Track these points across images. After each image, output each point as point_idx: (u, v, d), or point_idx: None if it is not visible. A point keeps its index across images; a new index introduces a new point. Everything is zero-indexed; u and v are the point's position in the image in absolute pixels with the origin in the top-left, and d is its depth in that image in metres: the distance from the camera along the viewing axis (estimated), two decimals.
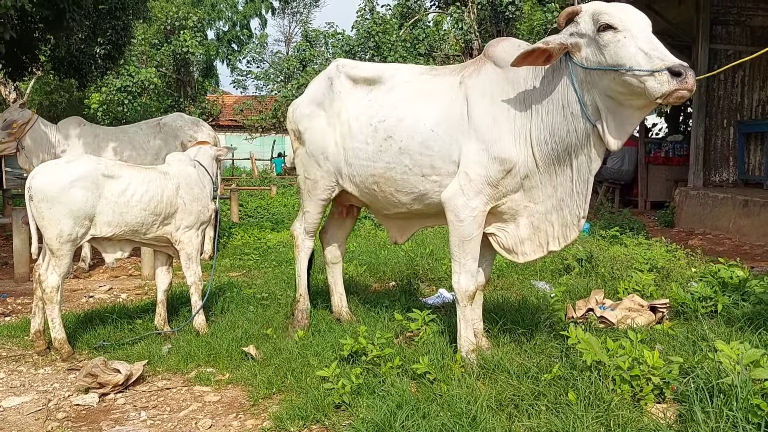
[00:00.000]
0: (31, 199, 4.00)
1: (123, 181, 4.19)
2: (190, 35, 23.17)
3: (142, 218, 4.22)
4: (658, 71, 2.70)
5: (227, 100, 29.72)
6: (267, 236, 8.49)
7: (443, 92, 3.60)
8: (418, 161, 3.60)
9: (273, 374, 3.49)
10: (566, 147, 3.18)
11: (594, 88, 3.02)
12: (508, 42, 3.54)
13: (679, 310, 4.29)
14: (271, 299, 5.07)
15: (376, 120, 3.77)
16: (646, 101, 2.87)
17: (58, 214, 3.96)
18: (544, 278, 5.67)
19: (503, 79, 3.39)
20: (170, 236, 4.42)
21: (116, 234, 4.20)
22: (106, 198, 4.10)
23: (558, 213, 3.35)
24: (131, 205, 4.17)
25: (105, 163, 4.25)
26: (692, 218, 9.46)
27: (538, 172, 3.31)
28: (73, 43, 11.13)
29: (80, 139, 7.41)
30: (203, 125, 8.06)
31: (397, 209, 3.91)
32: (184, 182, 4.48)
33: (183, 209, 4.43)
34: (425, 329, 3.80)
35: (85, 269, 7.16)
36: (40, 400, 3.41)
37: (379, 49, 21.19)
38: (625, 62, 2.82)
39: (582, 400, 2.67)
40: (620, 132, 3.03)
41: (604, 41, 2.89)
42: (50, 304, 4.08)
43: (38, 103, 21.77)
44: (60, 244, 4.01)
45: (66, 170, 4.04)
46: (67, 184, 3.98)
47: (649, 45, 2.81)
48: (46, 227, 4.01)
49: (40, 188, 3.98)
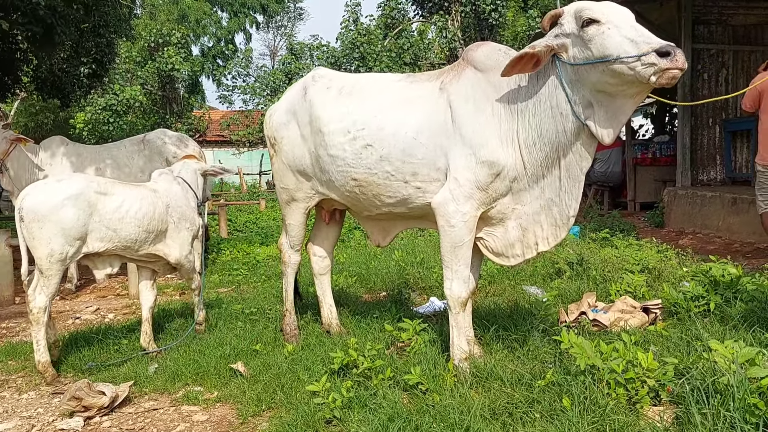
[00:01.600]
0: (22, 220, 3.94)
1: (117, 198, 4.17)
2: (174, 52, 23.13)
3: (136, 235, 4.21)
4: (645, 54, 2.70)
5: (214, 116, 29.67)
6: (256, 250, 8.41)
7: (423, 98, 3.57)
8: (399, 168, 3.57)
9: (262, 391, 3.41)
10: (555, 147, 3.17)
11: (584, 85, 3.01)
12: (487, 46, 3.53)
13: (671, 310, 4.25)
14: (260, 314, 5.00)
15: (354, 129, 3.72)
16: (638, 88, 2.87)
17: (49, 234, 3.90)
18: (535, 283, 5.63)
19: (486, 82, 3.36)
20: (164, 255, 4.41)
21: (108, 249, 4.16)
22: (99, 214, 4.06)
23: (546, 213, 3.33)
24: (126, 221, 4.16)
25: (97, 180, 4.22)
26: (682, 218, 9.46)
27: (526, 174, 3.29)
28: (56, 62, 11.07)
29: (64, 158, 7.34)
30: (188, 141, 8.00)
31: (379, 210, 3.88)
32: (173, 201, 4.50)
33: (173, 227, 4.45)
34: (416, 339, 3.74)
35: (71, 290, 7.06)
36: (23, 426, 3.32)
37: (365, 59, 21.25)
38: (612, 52, 2.81)
39: (577, 405, 2.62)
40: (613, 124, 3.02)
41: (589, 35, 2.89)
42: (36, 325, 3.99)
43: (24, 124, 21.64)
44: (50, 264, 3.95)
45: (57, 189, 4.00)
46: (59, 203, 3.93)
47: (634, 32, 2.81)
48: (36, 247, 3.94)
49: (31, 208, 3.92)
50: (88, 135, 20.36)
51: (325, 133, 3.85)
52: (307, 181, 4.14)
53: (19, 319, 5.93)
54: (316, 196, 4.18)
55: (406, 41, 22.14)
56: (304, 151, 4.07)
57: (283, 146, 4.20)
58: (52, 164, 7.27)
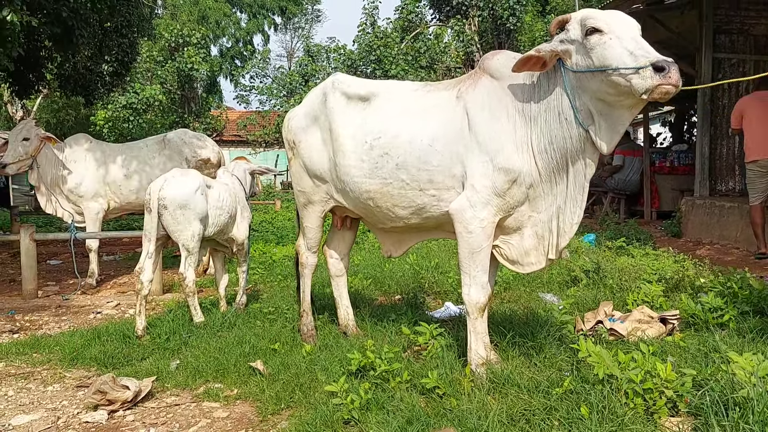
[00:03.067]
0: (165, 208, 4.73)
1: (215, 191, 5.09)
2: (194, 52, 23.34)
3: (225, 220, 5.16)
4: (642, 68, 2.75)
5: (231, 116, 29.88)
6: (272, 250, 8.48)
7: (439, 107, 3.63)
8: (415, 176, 3.61)
9: (281, 389, 3.47)
10: (564, 154, 3.21)
11: (584, 92, 3.06)
12: (503, 54, 3.57)
13: (689, 321, 4.26)
14: (277, 314, 5.06)
15: (371, 137, 3.78)
16: (633, 100, 2.91)
17: (190, 217, 4.76)
18: (551, 290, 5.64)
19: (501, 90, 3.41)
20: (235, 238, 5.39)
21: (213, 234, 5.09)
22: (209, 204, 4.96)
23: (556, 220, 3.37)
24: (223, 209, 5.12)
25: (202, 175, 5.06)
26: (699, 228, 9.41)
27: (541, 181, 3.33)
28: (80, 60, 11.24)
29: (88, 154, 7.47)
30: (207, 140, 8.10)
31: (393, 223, 3.92)
32: (238, 193, 5.47)
33: (239, 215, 5.41)
34: (433, 343, 3.78)
35: (93, 285, 7.17)
36: (49, 417, 3.40)
37: (381, 62, 21.31)
38: (611, 62, 2.86)
39: (595, 414, 2.64)
40: (612, 134, 3.07)
41: (591, 44, 2.95)
42: (192, 295, 4.88)
43: (46, 121, 21.93)
44: (194, 243, 4.83)
45: (187, 181, 4.84)
46: (192, 192, 4.79)
47: (635, 44, 2.85)
48: (181, 230, 4.78)
49: (174, 197, 4.74)
50: (109, 132, 20.61)
51: (342, 141, 3.90)
52: (323, 185, 4.20)
53: (42, 312, 6.04)
54: (331, 200, 4.24)
55: (422, 45, 22.19)
56: (322, 156, 4.13)
57: (301, 150, 4.26)
58: (77, 161, 7.41)
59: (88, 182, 7.38)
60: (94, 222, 7.38)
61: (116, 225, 12.82)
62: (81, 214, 7.43)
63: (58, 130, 20.86)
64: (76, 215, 7.40)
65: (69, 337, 4.81)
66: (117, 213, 7.98)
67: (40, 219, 12.06)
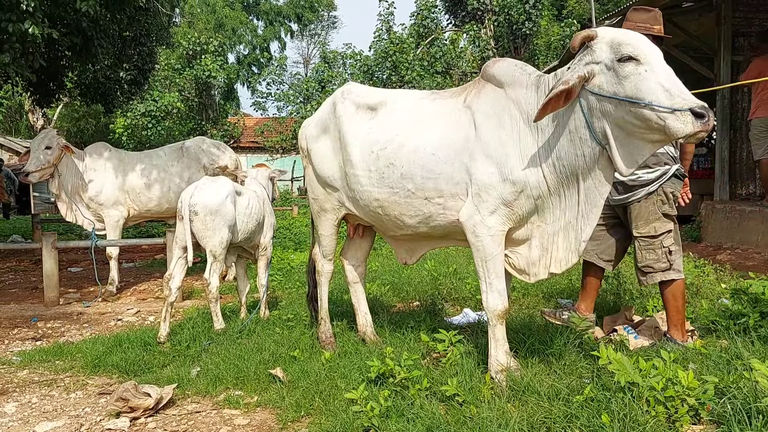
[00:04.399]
0: (196, 214, 4.81)
1: (245, 197, 5.18)
2: (211, 60, 23.56)
3: (253, 226, 5.24)
4: (680, 110, 2.68)
5: (248, 122, 30.09)
6: (290, 257, 8.53)
7: (445, 115, 3.62)
8: (420, 185, 3.61)
9: (301, 397, 3.48)
10: (573, 170, 3.15)
11: (606, 116, 2.97)
12: (504, 62, 3.54)
13: (710, 328, 4.21)
14: (296, 320, 5.09)
15: (377, 147, 3.80)
16: (662, 137, 2.83)
17: (219, 224, 4.84)
18: (570, 296, 5.61)
19: (505, 98, 3.39)
20: (259, 244, 5.48)
21: (241, 240, 5.17)
22: (238, 210, 5.03)
23: (564, 235, 3.32)
24: (251, 215, 5.20)
25: (232, 183, 5.12)
26: (719, 232, 9.31)
27: (549, 194, 3.28)
28: (100, 69, 11.39)
29: (107, 163, 7.57)
30: (225, 148, 8.18)
31: (402, 231, 3.94)
32: (265, 199, 5.55)
33: (266, 221, 5.49)
34: (452, 350, 3.78)
35: (113, 292, 7.25)
36: (72, 425, 3.45)
37: (397, 68, 21.38)
38: (644, 96, 2.78)
39: (616, 422, 2.62)
40: (629, 161, 2.98)
41: (625, 72, 2.85)
42: (214, 302, 4.95)
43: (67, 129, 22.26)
44: (221, 249, 4.90)
45: (217, 188, 4.93)
46: (223, 199, 4.87)
47: (670, 81, 2.79)
48: (210, 237, 4.85)
49: (205, 203, 4.82)
50: (128, 140, 20.87)
51: (351, 150, 3.94)
52: (334, 193, 4.23)
53: (64, 319, 6.12)
54: (342, 208, 4.27)
55: (438, 50, 22.21)
56: (333, 164, 4.16)
57: (314, 158, 4.31)
58: (96, 169, 7.51)
59: (108, 190, 7.47)
60: (115, 229, 7.47)
61: (135, 232, 12.97)
62: (101, 222, 7.53)
63: (79, 139, 21.18)
64: (96, 223, 7.50)
65: (91, 344, 4.87)
66: (136, 220, 8.07)
67: (61, 227, 12.22)
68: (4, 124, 26.37)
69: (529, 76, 3.36)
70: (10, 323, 5.99)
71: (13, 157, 21.33)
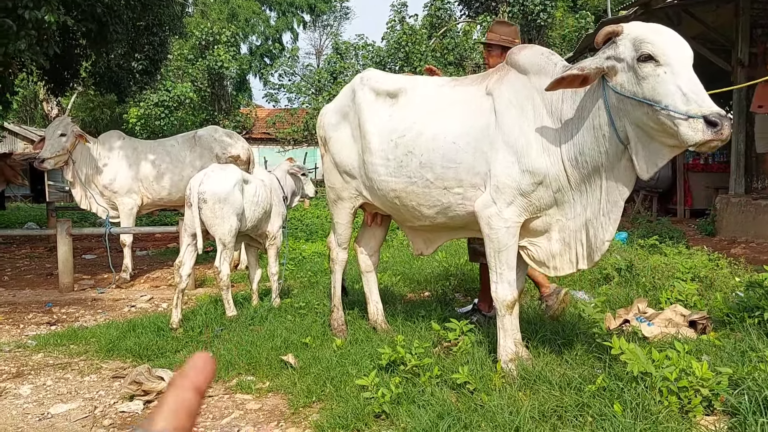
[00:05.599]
0: (205, 202, 4.81)
1: (252, 186, 5.18)
2: (224, 50, 23.57)
3: (260, 214, 5.24)
4: (693, 117, 2.60)
5: (260, 114, 30.09)
6: (302, 246, 8.55)
7: (466, 103, 3.57)
8: (440, 175, 3.57)
9: (312, 383, 3.50)
10: (596, 167, 3.09)
11: (626, 116, 2.90)
12: (530, 49, 3.47)
13: (724, 320, 4.18)
14: (308, 309, 5.11)
15: (396, 135, 3.76)
16: (676, 142, 2.75)
17: (228, 212, 4.84)
18: (582, 288, 5.59)
19: (530, 86, 3.32)
20: (268, 233, 5.47)
21: (248, 228, 5.15)
22: (245, 198, 5.04)
23: (586, 232, 3.26)
24: (258, 204, 5.21)
25: (240, 171, 5.13)
26: (734, 226, 9.23)
27: (570, 187, 3.23)
28: (113, 58, 11.44)
29: (120, 151, 7.61)
30: (237, 138, 8.20)
31: (420, 222, 3.90)
32: (273, 189, 5.55)
33: (274, 210, 5.50)
34: (463, 339, 3.78)
35: (126, 279, 7.31)
36: (86, 407, 3.49)
37: (409, 59, 21.27)
38: (661, 99, 2.70)
39: (629, 412, 2.61)
40: (649, 165, 2.91)
41: (644, 73, 2.77)
42: (226, 289, 4.97)
43: (82, 119, 22.40)
44: (231, 237, 4.90)
45: (226, 176, 4.93)
46: (231, 187, 4.87)
47: (689, 85, 2.69)
48: (219, 225, 4.85)
49: (214, 191, 4.82)
50: (141, 130, 20.97)
51: (369, 138, 3.91)
52: (352, 182, 4.21)
53: (78, 305, 6.19)
54: (360, 197, 4.24)
55: (451, 41, 22.08)
56: (351, 152, 4.14)
57: (332, 146, 4.28)
58: (110, 157, 7.56)
59: (122, 178, 7.52)
60: (128, 217, 7.52)
61: (149, 221, 13.05)
62: (115, 210, 7.58)
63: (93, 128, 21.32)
64: (110, 211, 7.55)
65: (105, 329, 4.92)
66: (149, 209, 8.12)
67: (75, 214, 12.32)
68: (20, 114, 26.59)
69: (555, 66, 3.28)
70: (26, 308, 6.05)
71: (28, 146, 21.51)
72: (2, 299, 6.44)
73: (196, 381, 0.41)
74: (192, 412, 0.40)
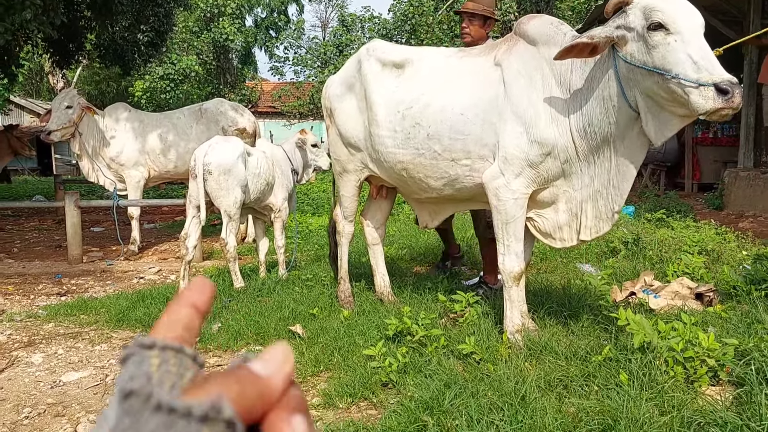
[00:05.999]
0: (210, 173, 4.81)
1: (254, 158, 5.15)
2: (229, 22, 23.37)
3: (262, 186, 5.22)
4: (704, 85, 2.58)
5: (265, 87, 29.90)
6: (308, 220, 8.57)
7: (473, 73, 3.54)
8: (447, 146, 3.55)
9: (320, 352, 3.53)
10: (605, 138, 3.08)
11: (636, 85, 2.89)
12: (539, 19, 3.43)
13: (731, 293, 4.18)
14: (315, 280, 5.14)
15: (403, 107, 3.73)
16: (687, 111, 2.73)
17: (232, 184, 4.84)
18: (589, 261, 5.59)
19: (539, 57, 3.29)
20: (272, 205, 5.45)
21: (251, 201, 5.16)
22: (249, 170, 5.03)
23: (593, 203, 3.26)
24: (260, 176, 5.18)
25: (242, 143, 5.13)
26: (742, 200, 9.18)
27: (578, 158, 3.22)
28: (117, 30, 11.36)
29: (127, 124, 7.60)
30: (243, 111, 8.16)
31: (427, 194, 3.89)
32: (276, 161, 5.51)
33: (277, 182, 5.45)
34: (469, 311, 3.80)
35: (134, 252, 7.36)
36: (97, 375, 3.54)
37: (416, 32, 21.04)
38: (671, 68, 2.68)
39: (635, 381, 2.63)
40: (658, 135, 2.90)
41: (654, 41, 2.75)
42: (232, 261, 5.01)
43: (88, 92, 22.34)
44: (235, 209, 4.90)
45: (230, 148, 4.92)
46: (235, 159, 4.86)
47: (700, 53, 2.66)
48: (224, 196, 4.86)
49: (219, 163, 4.81)
50: (146, 103, 20.91)
51: (376, 110, 3.88)
52: (358, 154, 4.20)
53: (87, 276, 6.24)
54: (366, 170, 4.23)
55: None
56: (357, 124, 4.12)
57: (337, 118, 4.26)
58: (117, 129, 7.55)
59: (129, 151, 7.52)
60: (136, 190, 7.54)
61: (156, 194, 13.09)
62: (123, 182, 7.59)
63: (99, 101, 21.28)
64: (118, 183, 7.57)
65: (114, 299, 4.97)
66: (156, 182, 8.14)
67: (83, 187, 12.37)
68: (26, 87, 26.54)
69: (564, 35, 3.24)
70: (36, 279, 6.11)
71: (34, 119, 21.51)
72: (12, 270, 6.51)
73: (193, 299, 0.41)
74: (189, 326, 0.40)
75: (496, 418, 2.47)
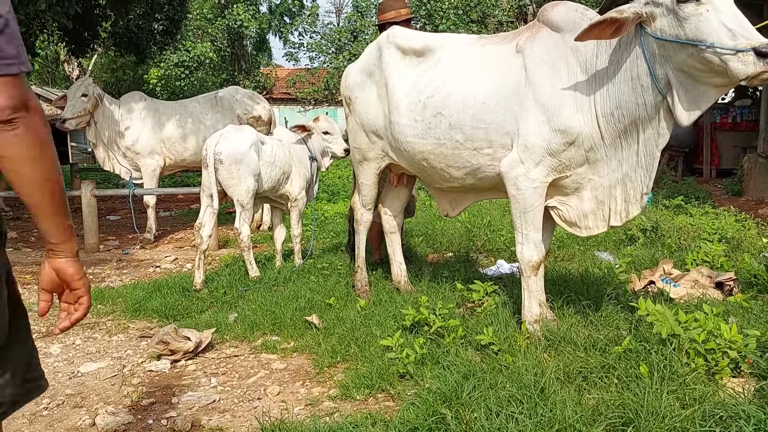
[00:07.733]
0: (221, 163, 4.81)
1: (269, 146, 5.13)
2: (243, 9, 23.31)
3: (277, 175, 5.19)
4: (743, 51, 2.54)
5: (280, 73, 29.85)
6: (324, 207, 8.56)
7: (495, 61, 3.48)
8: (469, 135, 3.50)
9: (337, 343, 3.53)
10: (633, 120, 3.04)
11: (667, 61, 2.85)
12: (563, 6, 3.36)
13: (752, 282, 4.11)
14: (331, 269, 5.13)
15: (424, 96, 3.69)
16: (725, 80, 2.70)
17: (245, 173, 4.83)
18: (607, 249, 5.54)
19: (563, 44, 3.23)
20: (289, 194, 5.42)
21: (266, 190, 5.15)
22: (262, 159, 5.01)
23: (622, 188, 3.22)
24: (275, 164, 5.14)
25: (256, 132, 5.11)
26: (762, 186, 9.03)
27: (604, 145, 3.17)
28: (132, 19, 11.37)
29: (143, 112, 7.62)
30: (259, 98, 8.16)
31: (449, 183, 3.85)
32: (293, 149, 5.45)
33: (294, 171, 5.39)
34: (487, 300, 3.77)
35: (150, 240, 7.40)
36: (115, 366, 3.56)
37: (431, 17, 20.84)
38: (706, 38, 2.64)
39: (655, 373, 2.59)
40: (692, 108, 2.86)
41: (686, 13, 2.70)
42: (247, 250, 5.02)
43: (104, 80, 22.44)
44: (248, 198, 4.91)
45: (242, 137, 4.91)
46: (247, 148, 4.85)
47: (734, 21, 2.63)
48: (236, 185, 4.86)
49: (230, 152, 4.81)
50: (161, 90, 20.97)
51: (397, 99, 3.83)
52: (378, 142, 4.16)
53: (104, 265, 6.29)
54: (386, 158, 4.20)
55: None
56: (378, 112, 4.08)
57: (357, 106, 4.22)
58: (132, 118, 7.57)
59: (144, 139, 7.54)
60: (151, 178, 7.57)
61: (171, 182, 13.14)
62: (138, 171, 7.62)
63: (115, 89, 21.36)
64: (133, 172, 7.60)
65: (131, 289, 5.00)
66: (172, 170, 8.16)
67: (98, 176, 12.45)
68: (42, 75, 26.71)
69: (591, 21, 3.19)
70: None
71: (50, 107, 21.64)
72: (29, 260, 6.57)
73: None
74: None
75: (515, 410, 2.44)
